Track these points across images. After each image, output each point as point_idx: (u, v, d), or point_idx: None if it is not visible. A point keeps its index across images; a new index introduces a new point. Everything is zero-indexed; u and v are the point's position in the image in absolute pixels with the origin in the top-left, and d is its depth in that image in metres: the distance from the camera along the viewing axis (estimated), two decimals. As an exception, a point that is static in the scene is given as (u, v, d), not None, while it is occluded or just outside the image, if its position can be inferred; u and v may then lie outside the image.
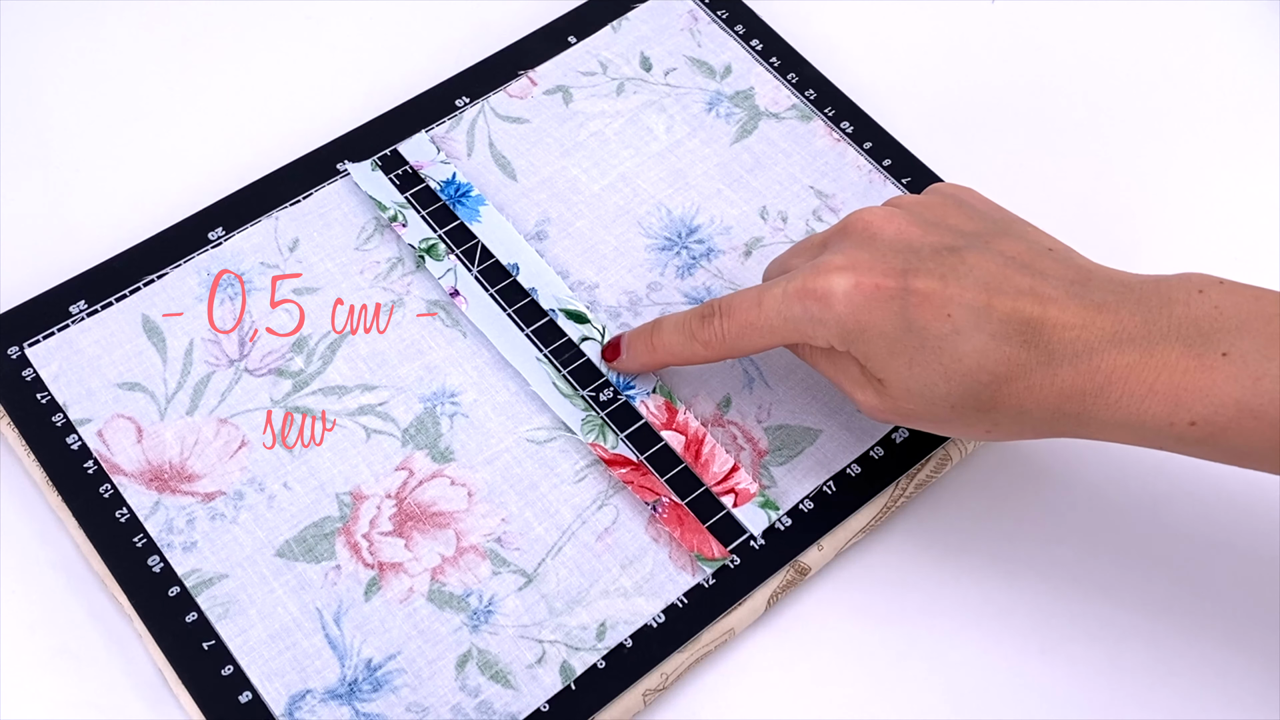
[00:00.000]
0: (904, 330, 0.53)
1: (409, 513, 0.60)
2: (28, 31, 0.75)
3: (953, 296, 0.52)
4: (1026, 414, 0.53)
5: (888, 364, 0.54)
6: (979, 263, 0.53)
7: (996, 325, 0.52)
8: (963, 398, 0.53)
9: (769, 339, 0.57)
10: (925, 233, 0.55)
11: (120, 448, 0.61)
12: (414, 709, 0.56)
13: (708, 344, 0.58)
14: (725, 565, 0.59)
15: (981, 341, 0.52)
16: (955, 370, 0.52)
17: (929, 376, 0.53)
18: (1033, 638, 0.59)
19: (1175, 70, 0.76)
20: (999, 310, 0.52)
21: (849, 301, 0.54)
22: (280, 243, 0.66)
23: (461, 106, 0.71)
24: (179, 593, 0.58)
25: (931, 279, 0.53)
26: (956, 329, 0.52)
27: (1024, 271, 0.53)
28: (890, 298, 0.53)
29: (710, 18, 0.74)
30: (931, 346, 0.52)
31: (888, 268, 0.54)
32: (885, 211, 0.56)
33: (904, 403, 0.54)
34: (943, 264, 0.53)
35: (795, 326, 0.55)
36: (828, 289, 0.54)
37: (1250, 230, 0.70)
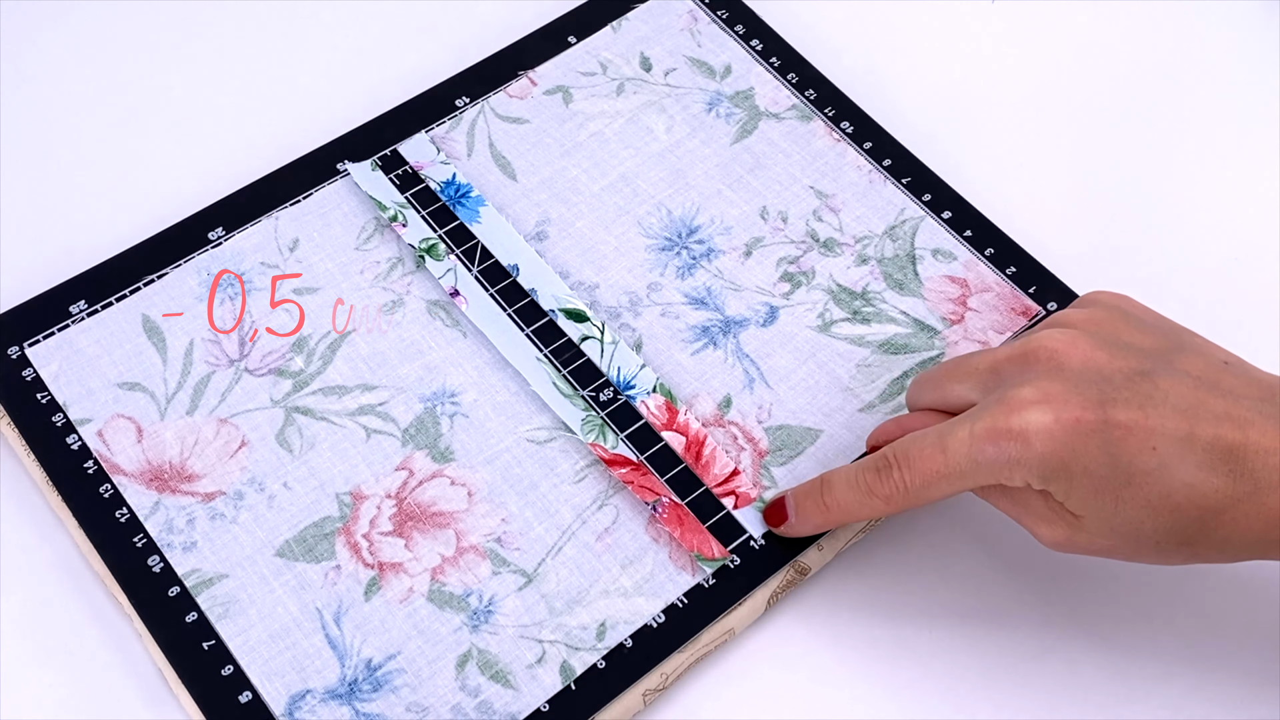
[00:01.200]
0: (1110, 467, 0.50)
1: (409, 513, 0.60)
2: (28, 31, 0.75)
3: (1155, 428, 0.50)
4: (1230, 544, 0.51)
5: (1090, 502, 0.51)
6: (1173, 387, 0.51)
7: (1201, 455, 0.50)
8: (1169, 533, 0.51)
9: (958, 485, 0.53)
10: (1112, 357, 0.52)
11: (120, 448, 0.61)
12: (414, 709, 0.56)
13: (889, 499, 0.55)
14: (725, 565, 0.59)
15: (1189, 474, 0.50)
16: (1164, 506, 0.50)
17: (1135, 514, 0.51)
18: (1033, 638, 0.59)
19: (1175, 70, 0.76)
20: (1202, 439, 0.50)
21: (1050, 439, 0.50)
22: (280, 243, 0.66)
23: (461, 106, 0.71)
24: (179, 593, 0.58)
25: (1131, 409, 0.50)
26: (1162, 463, 0.50)
27: (1214, 393, 0.51)
28: (1092, 432, 0.50)
29: (710, 18, 0.74)
30: (1139, 483, 0.50)
31: (1084, 399, 0.51)
32: (1067, 336, 0.53)
33: (1101, 539, 0.52)
34: (1138, 392, 0.51)
35: (989, 470, 0.52)
36: (1024, 427, 0.51)
37: (1251, 230, 0.70)
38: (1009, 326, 0.65)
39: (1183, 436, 0.50)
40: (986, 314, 0.65)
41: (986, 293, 0.66)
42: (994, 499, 0.55)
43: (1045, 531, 0.53)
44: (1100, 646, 0.59)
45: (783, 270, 0.66)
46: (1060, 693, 0.58)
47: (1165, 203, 0.71)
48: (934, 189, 0.69)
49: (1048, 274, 0.66)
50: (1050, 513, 0.53)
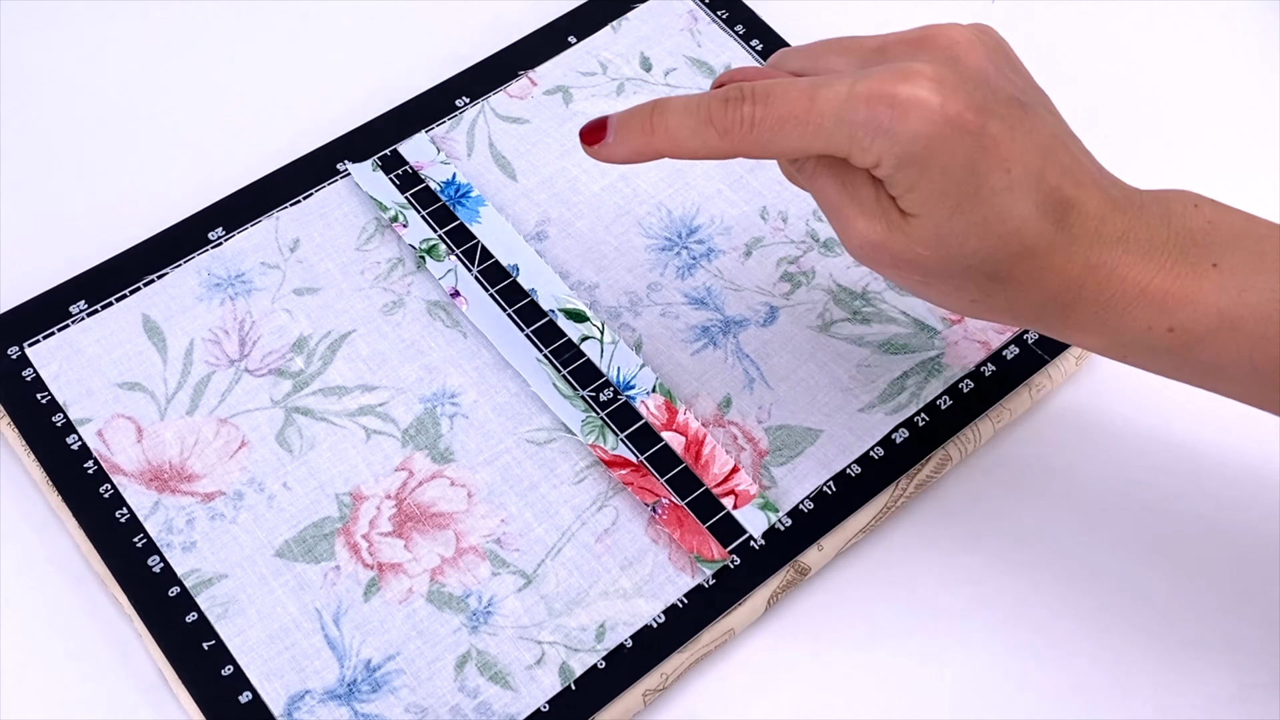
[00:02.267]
0: (965, 171, 0.49)
1: (409, 513, 0.60)
2: (28, 31, 0.75)
3: (1018, 153, 0.49)
4: (1024, 293, 0.51)
5: (930, 202, 0.49)
6: (1041, 125, 0.50)
7: (1043, 195, 0.49)
8: (985, 260, 0.50)
9: (811, 140, 0.50)
10: (998, 74, 0.51)
11: (120, 447, 0.61)
12: (413, 709, 0.56)
13: (727, 132, 0.51)
14: (725, 566, 0.59)
15: (1027, 208, 0.49)
16: (995, 230, 0.49)
17: (965, 228, 0.49)
18: (1033, 638, 0.59)
19: (1175, 70, 0.76)
20: (1049, 180, 0.49)
21: (928, 120, 0.48)
22: (281, 243, 0.66)
23: (461, 106, 0.71)
24: (179, 593, 0.58)
25: (1005, 125, 0.49)
26: (1010, 186, 0.49)
27: (1066, 148, 0.51)
28: (966, 132, 0.48)
29: (710, 18, 0.74)
30: (983, 198, 0.49)
31: (971, 98, 0.49)
32: (968, 35, 0.51)
33: (920, 247, 0.50)
34: (1013, 114, 0.49)
35: (851, 133, 0.49)
36: (910, 98, 0.48)
37: (1250, 230, 0.70)
38: (1008, 327, 0.65)
39: (1036, 170, 0.49)
40: (986, 314, 0.65)
41: (986, 293, 0.66)
42: (823, 181, 0.52)
43: (862, 227, 0.51)
44: (1100, 646, 0.59)
45: (783, 270, 0.66)
46: (1060, 692, 0.58)
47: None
48: (934, 189, 0.69)
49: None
50: (877, 206, 0.51)
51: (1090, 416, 0.63)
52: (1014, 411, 0.64)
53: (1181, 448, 0.63)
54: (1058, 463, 0.64)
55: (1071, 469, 0.63)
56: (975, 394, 0.63)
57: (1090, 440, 0.64)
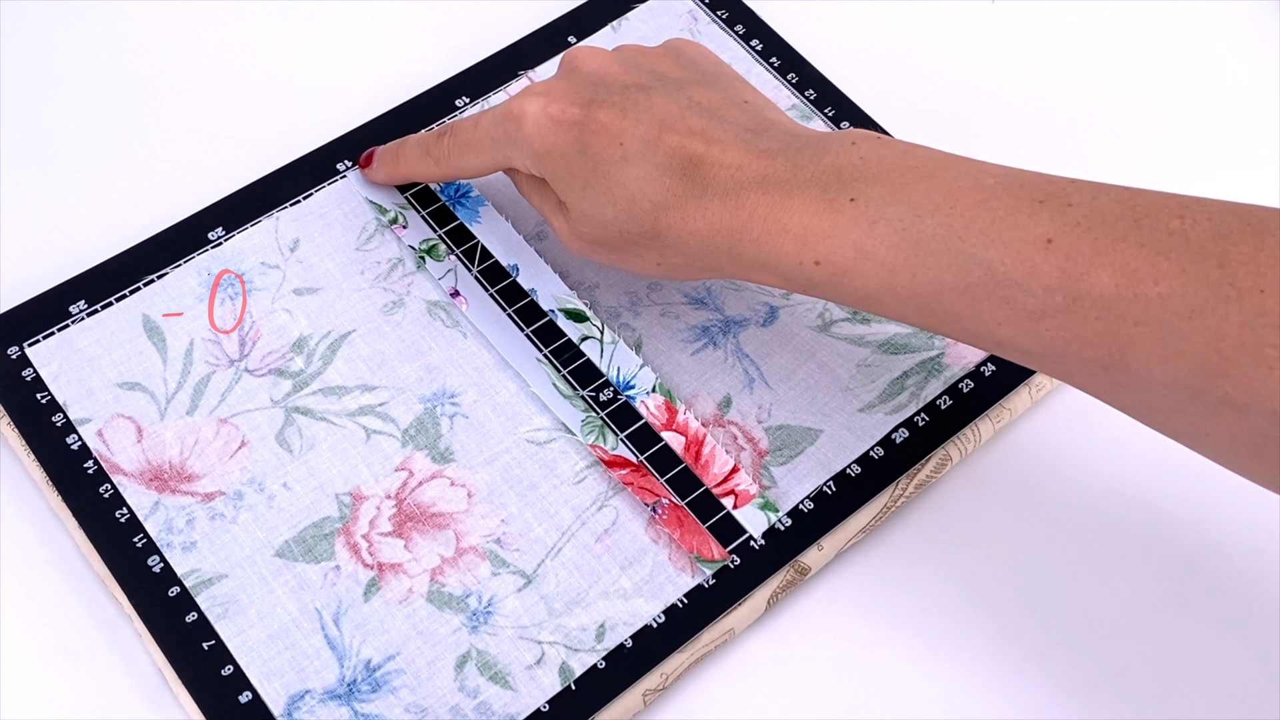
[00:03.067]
0: (580, 155, 0.57)
1: (409, 513, 0.60)
2: (28, 31, 0.75)
3: (627, 128, 0.56)
4: (684, 244, 0.56)
5: (567, 187, 0.58)
6: (661, 103, 0.57)
7: (662, 158, 0.56)
8: (628, 222, 0.57)
9: (481, 159, 0.62)
10: (624, 71, 0.59)
11: (120, 447, 0.61)
12: (412, 709, 0.56)
13: (438, 160, 0.63)
14: (725, 566, 0.59)
15: (645, 170, 0.56)
16: (620, 195, 0.56)
17: (598, 200, 0.57)
18: (1033, 638, 0.59)
19: (1175, 70, 0.76)
20: (666, 145, 0.56)
21: (536, 124, 0.58)
22: (281, 243, 0.66)
23: (461, 106, 0.71)
24: (179, 593, 0.58)
25: (612, 111, 0.57)
26: (625, 156, 0.56)
27: (704, 116, 0.57)
28: (572, 124, 0.57)
29: (710, 18, 0.74)
30: (602, 172, 0.57)
31: (576, 97, 0.58)
32: (594, 50, 0.61)
33: (582, 226, 0.58)
34: (626, 99, 0.57)
35: (499, 147, 0.60)
36: (521, 110, 0.58)
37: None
38: (1009, 327, 0.65)
39: (650, 139, 0.56)
40: (986, 314, 0.65)
41: (986, 293, 0.66)
42: (528, 192, 0.62)
43: (555, 223, 0.60)
44: (1100, 646, 0.59)
45: (783, 270, 0.66)
46: (1060, 693, 0.58)
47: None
48: (934, 189, 0.69)
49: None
50: (557, 204, 0.60)
51: (1090, 416, 0.63)
52: (1014, 411, 0.64)
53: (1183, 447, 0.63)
54: (1057, 463, 0.64)
55: (1071, 469, 0.63)
56: (975, 394, 0.63)
57: (1090, 440, 0.64)
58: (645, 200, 0.56)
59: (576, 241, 0.60)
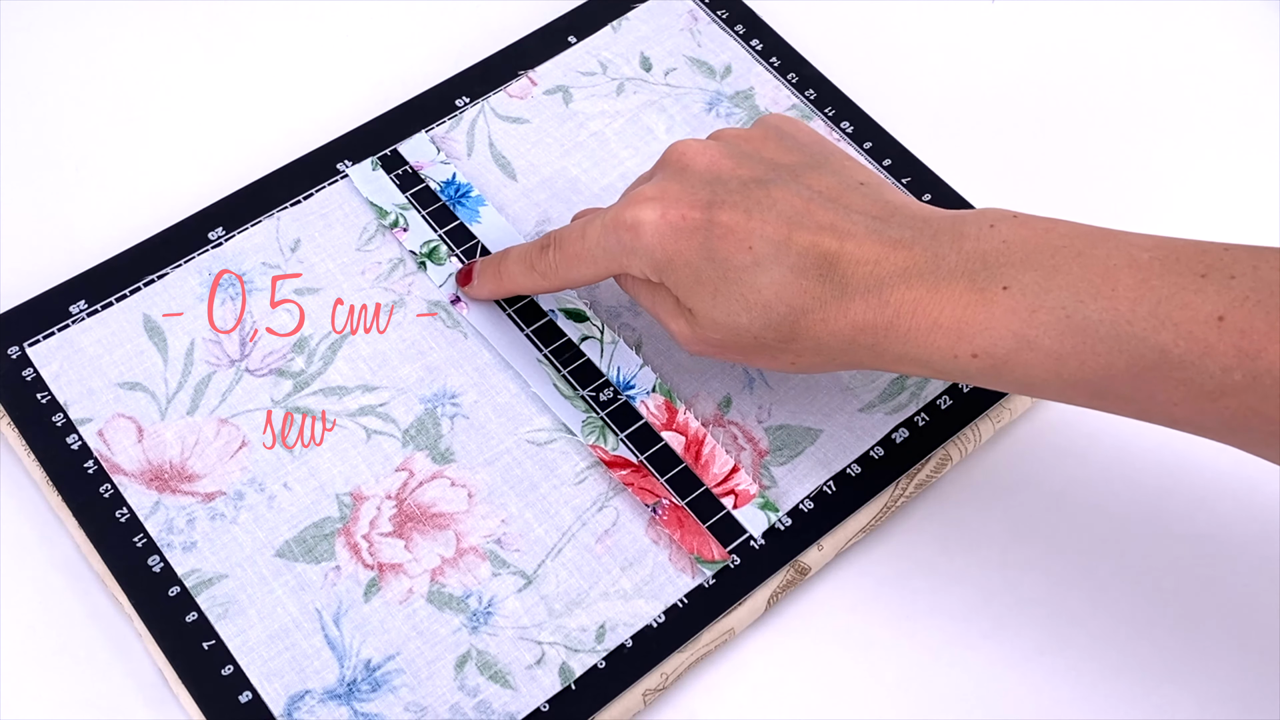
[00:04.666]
0: (708, 261, 0.54)
1: (409, 514, 0.60)
2: (28, 31, 0.75)
3: (754, 229, 0.54)
4: (824, 345, 0.54)
5: (694, 294, 0.55)
6: (784, 197, 0.54)
7: (795, 258, 0.53)
8: (764, 328, 0.54)
9: (593, 269, 0.59)
10: (737, 165, 0.56)
11: (121, 447, 0.61)
12: (412, 709, 0.56)
13: (544, 274, 0.60)
14: (725, 566, 0.59)
15: (780, 274, 0.53)
16: (755, 301, 0.54)
17: (731, 306, 0.54)
18: (1033, 637, 0.59)
19: (1175, 70, 0.76)
20: (798, 244, 0.53)
21: (656, 232, 0.55)
22: (282, 243, 0.66)
23: (461, 106, 0.71)
24: (179, 593, 0.58)
25: (735, 211, 0.54)
26: (756, 261, 0.54)
27: (828, 207, 0.54)
28: (695, 229, 0.55)
29: (710, 18, 0.74)
30: (732, 278, 0.54)
31: (694, 199, 0.55)
32: (701, 144, 0.57)
33: (711, 332, 0.56)
34: (748, 197, 0.55)
35: (613, 257, 0.57)
36: (636, 219, 0.56)
37: (1250, 230, 0.70)
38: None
39: (780, 240, 0.53)
40: (986, 314, 0.65)
41: (986, 293, 0.66)
42: (639, 295, 0.59)
43: (674, 326, 0.57)
44: (1100, 646, 0.59)
45: (783, 270, 0.66)
46: (1060, 693, 0.58)
47: (1165, 202, 0.71)
48: (934, 189, 0.69)
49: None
50: (676, 307, 0.57)
51: (1091, 416, 0.63)
52: (1014, 411, 0.64)
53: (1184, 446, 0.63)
54: (1057, 463, 0.64)
55: (1071, 468, 0.63)
56: (975, 394, 0.63)
57: (1090, 439, 0.64)
58: (782, 305, 0.54)
59: (700, 345, 0.57)
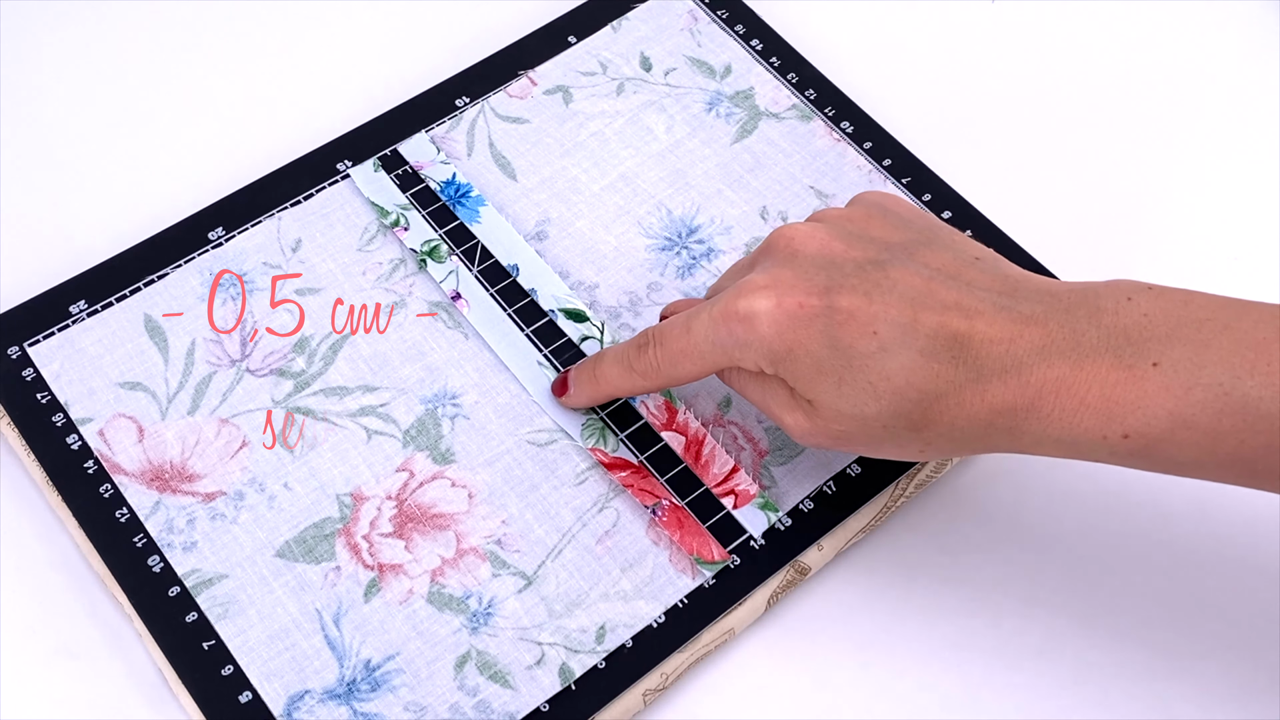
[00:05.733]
0: (830, 349, 0.52)
1: (409, 514, 0.60)
2: (28, 31, 0.75)
3: (878, 313, 0.51)
4: (958, 431, 0.52)
5: (816, 385, 0.52)
6: (903, 277, 0.52)
7: (924, 341, 0.51)
8: (894, 417, 0.52)
9: (700, 365, 0.56)
10: (849, 247, 0.53)
11: (121, 447, 0.61)
12: (412, 708, 0.56)
13: (645, 374, 0.57)
14: (725, 566, 0.59)
15: (909, 359, 0.51)
16: (884, 389, 0.51)
17: (858, 396, 0.52)
18: (1031, 637, 0.59)
19: (1175, 70, 0.76)
20: (925, 326, 0.51)
21: (773, 323, 0.52)
22: (283, 243, 0.66)
23: (461, 106, 0.71)
24: (179, 593, 0.58)
25: (856, 295, 0.52)
26: (883, 346, 0.51)
27: (950, 284, 0.52)
28: (814, 316, 0.52)
29: (710, 18, 0.74)
30: (859, 365, 0.51)
31: (811, 285, 0.52)
32: (808, 227, 0.55)
33: (835, 424, 0.53)
34: (867, 279, 0.52)
35: (724, 352, 0.54)
36: (750, 311, 0.53)
37: (1250, 230, 0.70)
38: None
39: (905, 322, 0.51)
40: (986, 315, 0.65)
41: (986, 293, 0.66)
42: (745, 388, 0.56)
43: (789, 419, 0.54)
44: (1100, 646, 0.59)
45: (783, 270, 0.66)
46: (1060, 692, 0.58)
47: (1165, 202, 0.71)
48: (934, 189, 0.69)
49: (1048, 273, 0.66)
50: (790, 400, 0.54)
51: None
52: (1014, 412, 0.64)
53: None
54: (1058, 462, 0.64)
55: (1072, 468, 0.63)
56: (975, 394, 0.63)
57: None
58: (914, 391, 0.51)
59: (819, 437, 0.54)
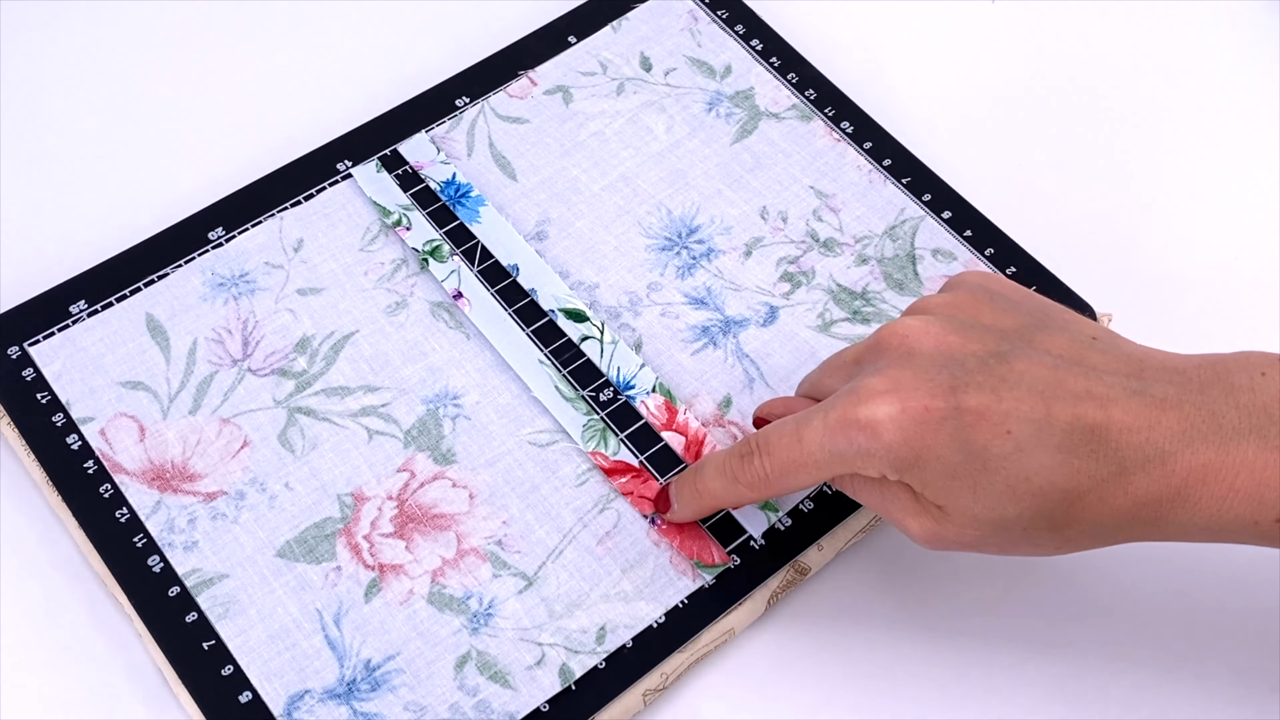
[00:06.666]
0: (963, 453, 0.49)
1: (410, 514, 0.60)
2: (28, 31, 0.75)
3: (1009, 411, 0.48)
4: (1100, 527, 0.49)
5: (948, 490, 0.49)
6: (1029, 368, 0.49)
7: (1060, 437, 0.48)
8: (1035, 518, 0.49)
9: (815, 476, 0.52)
10: (966, 340, 0.51)
11: (122, 446, 0.61)
12: (412, 708, 0.56)
13: (752, 485, 0.54)
14: (726, 566, 0.59)
15: (1048, 457, 0.48)
16: (1024, 490, 0.49)
17: (996, 500, 0.49)
18: (1032, 637, 0.59)
19: (1175, 70, 0.76)
20: (1060, 420, 0.48)
21: (898, 429, 0.49)
22: (285, 243, 0.66)
23: (461, 106, 0.71)
24: (179, 593, 0.58)
25: (983, 394, 0.49)
26: (1019, 446, 0.48)
27: (1076, 371, 0.49)
28: (942, 420, 0.49)
29: (710, 18, 0.74)
30: (995, 468, 0.48)
31: (934, 386, 0.49)
32: (919, 322, 0.52)
33: (969, 530, 0.50)
34: (992, 375, 0.49)
35: (843, 461, 0.51)
36: (872, 418, 0.50)
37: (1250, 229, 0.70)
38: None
39: (1039, 418, 0.48)
40: (986, 315, 0.65)
41: (986, 294, 0.66)
42: (860, 493, 0.53)
43: (914, 525, 0.52)
44: (1100, 647, 0.59)
45: (783, 270, 0.67)
46: (1061, 692, 0.58)
47: (1165, 202, 0.71)
48: (934, 189, 0.69)
49: (1048, 274, 0.66)
50: (916, 505, 0.51)
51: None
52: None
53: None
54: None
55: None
56: (975, 395, 0.63)
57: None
58: (1055, 491, 0.48)
59: (949, 542, 0.51)
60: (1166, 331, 0.59)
